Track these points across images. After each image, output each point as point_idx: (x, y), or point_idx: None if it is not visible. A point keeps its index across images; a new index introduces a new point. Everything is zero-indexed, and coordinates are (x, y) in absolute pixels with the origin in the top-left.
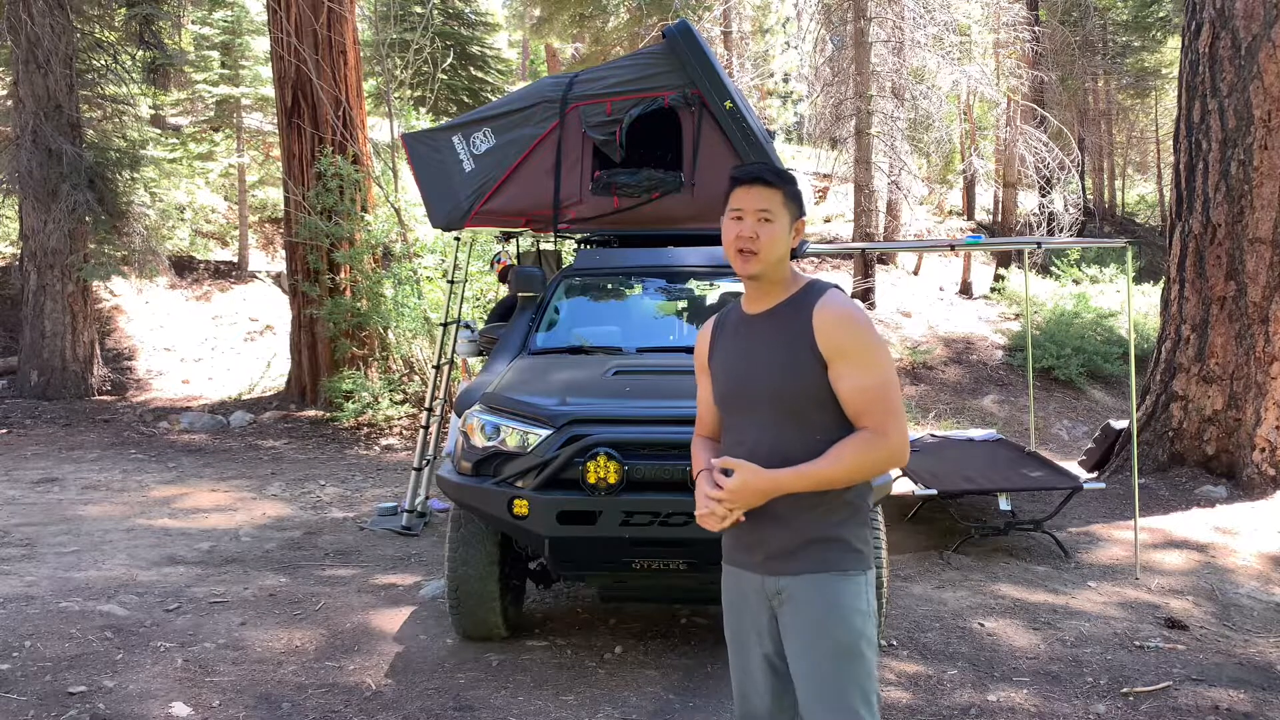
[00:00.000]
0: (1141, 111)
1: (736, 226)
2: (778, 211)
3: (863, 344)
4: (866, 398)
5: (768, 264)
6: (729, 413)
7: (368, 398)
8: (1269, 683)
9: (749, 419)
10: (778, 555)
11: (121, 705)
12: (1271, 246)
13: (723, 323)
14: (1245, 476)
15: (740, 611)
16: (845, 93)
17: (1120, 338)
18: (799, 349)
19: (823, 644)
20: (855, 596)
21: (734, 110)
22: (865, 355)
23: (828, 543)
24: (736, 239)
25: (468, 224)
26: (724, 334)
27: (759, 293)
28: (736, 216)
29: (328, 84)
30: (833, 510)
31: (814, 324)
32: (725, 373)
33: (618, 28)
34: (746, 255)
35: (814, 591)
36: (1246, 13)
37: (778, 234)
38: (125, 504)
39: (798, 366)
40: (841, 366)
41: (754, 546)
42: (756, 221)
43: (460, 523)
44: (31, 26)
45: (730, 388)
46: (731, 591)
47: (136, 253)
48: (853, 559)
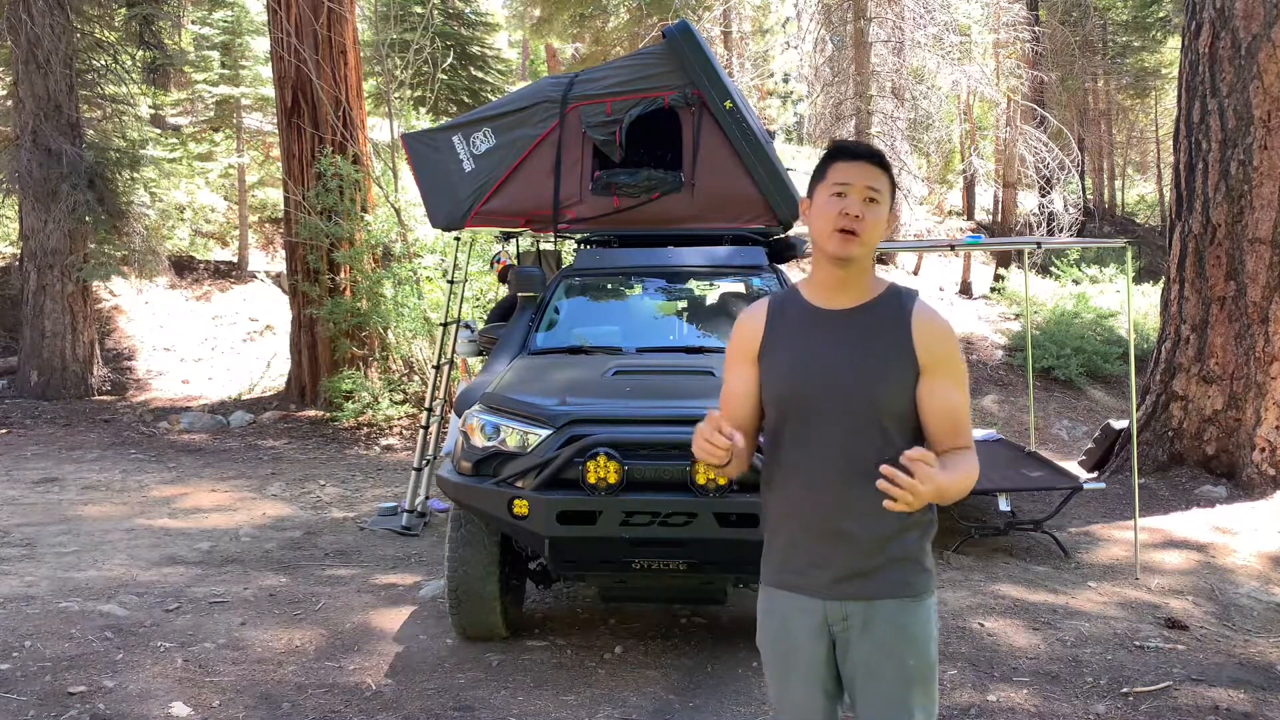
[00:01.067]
0: (1141, 111)
1: (840, 203)
2: (884, 194)
3: (960, 359)
4: (958, 416)
5: (867, 249)
6: (792, 414)
7: (368, 398)
8: (1269, 683)
9: (821, 425)
10: (848, 578)
11: (121, 705)
12: (1271, 246)
13: (781, 312)
14: (1245, 476)
15: (790, 640)
16: (845, 93)
17: (1120, 338)
18: (895, 355)
19: (895, 671)
20: (927, 622)
21: (734, 110)
22: (959, 371)
23: (903, 564)
24: (841, 216)
25: (468, 224)
26: (786, 325)
27: (840, 284)
28: (839, 192)
29: (328, 84)
30: (908, 528)
31: (913, 328)
32: (796, 370)
33: (618, 28)
34: (848, 236)
35: (888, 617)
36: (1246, 13)
37: (881, 219)
38: (125, 504)
39: (891, 374)
40: (936, 380)
41: (818, 568)
42: (863, 200)
43: (460, 523)
44: (31, 26)
45: (802, 388)
46: (778, 618)
47: (136, 253)
48: (925, 581)
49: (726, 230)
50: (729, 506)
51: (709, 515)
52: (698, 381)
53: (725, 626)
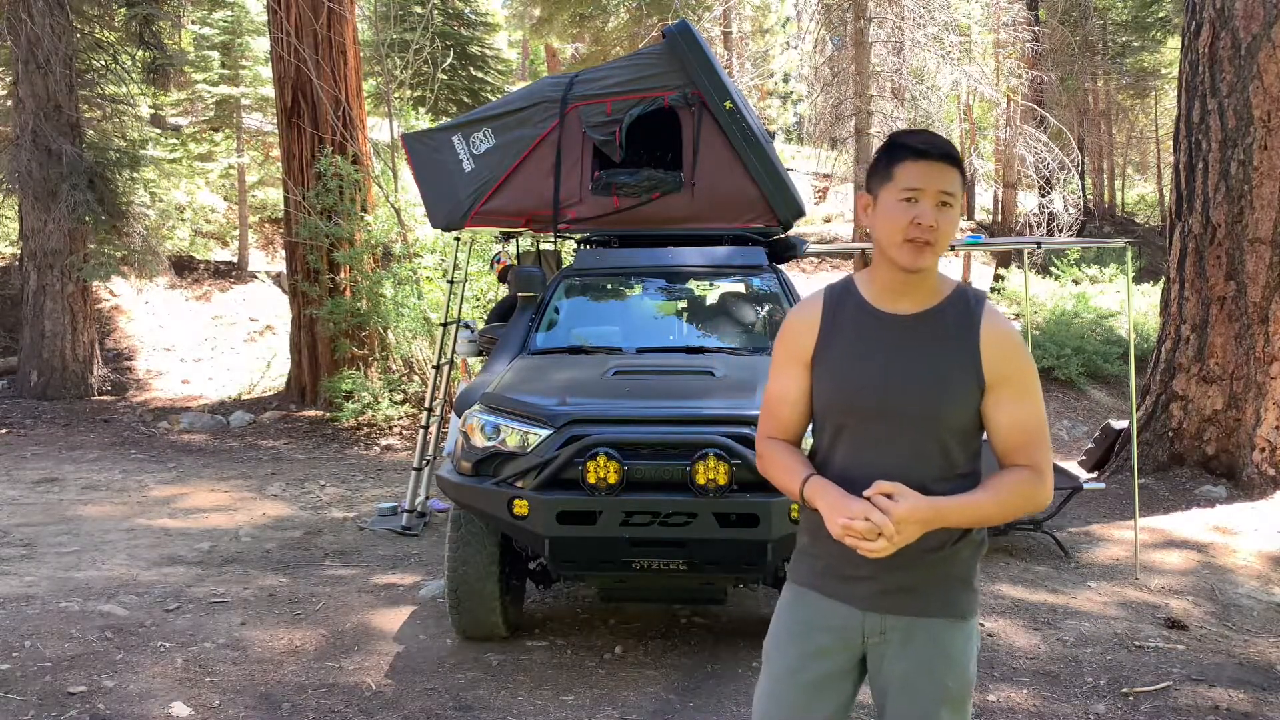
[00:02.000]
0: (1141, 111)
1: (911, 211)
2: (957, 196)
3: (1031, 372)
4: (1027, 432)
5: (938, 257)
6: (851, 424)
7: (368, 398)
8: (1269, 683)
9: (880, 437)
10: (894, 591)
11: (121, 705)
12: (1271, 246)
13: (837, 313)
14: (1245, 476)
15: (817, 641)
16: (845, 93)
17: (1120, 338)
18: (961, 367)
19: (933, 691)
20: (969, 642)
21: (734, 110)
22: (1032, 385)
23: (952, 583)
24: (913, 226)
25: (468, 224)
26: (843, 325)
27: (908, 288)
28: (909, 198)
29: (328, 84)
30: (962, 547)
31: (982, 341)
32: (850, 376)
33: (618, 28)
34: (922, 248)
35: (930, 636)
36: (1246, 13)
37: (955, 221)
38: (125, 504)
39: (956, 387)
40: (1005, 394)
41: (862, 578)
42: (936, 206)
43: (460, 523)
44: (31, 26)
45: (863, 399)
46: (806, 618)
47: (136, 253)
48: (970, 602)
49: (726, 230)
50: (729, 506)
51: (709, 515)
52: (698, 381)
53: (725, 626)
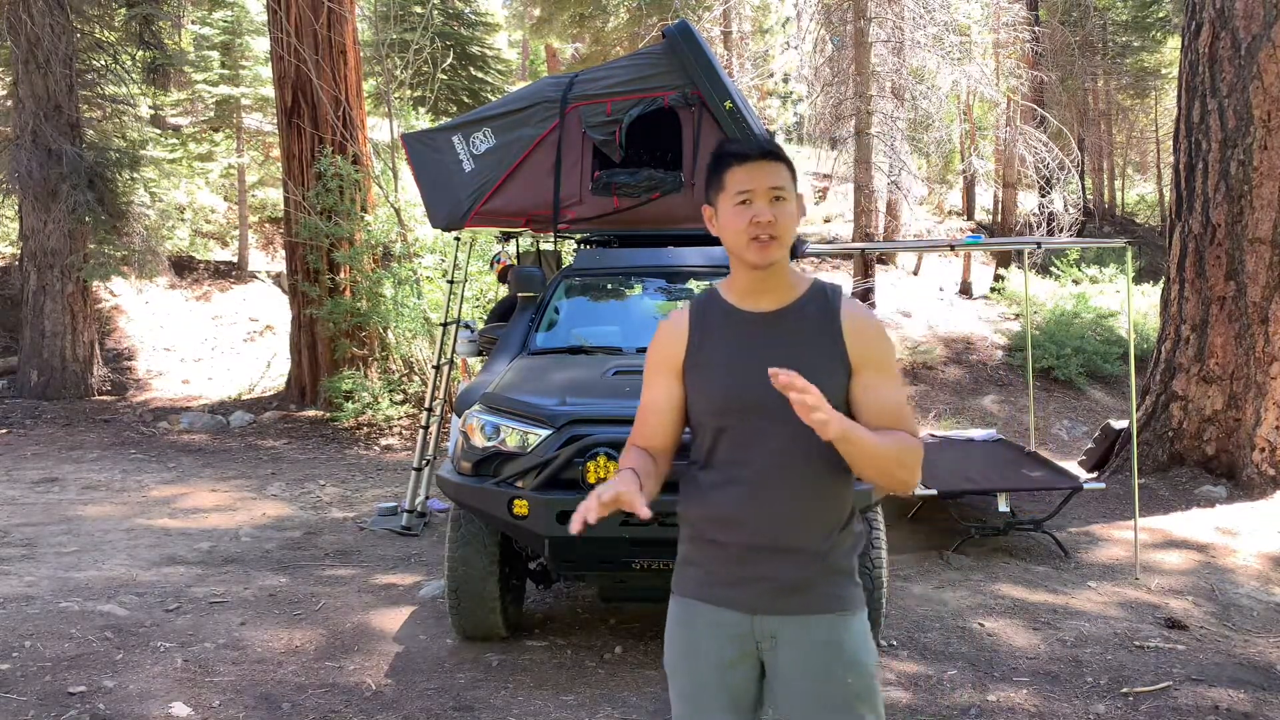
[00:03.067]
0: (1141, 111)
1: (747, 212)
2: (789, 189)
3: (891, 354)
4: (894, 410)
5: (785, 251)
6: (724, 425)
7: (367, 398)
8: (1269, 683)
9: (754, 434)
10: (778, 592)
11: (121, 705)
12: (1271, 246)
13: (703, 319)
14: (1245, 476)
15: (706, 655)
16: (845, 93)
17: (1120, 338)
18: (825, 354)
19: (838, 692)
20: (864, 636)
21: (734, 110)
22: (891, 365)
23: (837, 576)
24: (753, 225)
25: (468, 224)
26: (709, 331)
27: (765, 286)
28: (743, 200)
29: (328, 84)
30: (843, 539)
31: (844, 328)
32: (725, 377)
33: (618, 28)
34: (766, 244)
35: (823, 634)
36: (1246, 13)
37: (793, 215)
38: (125, 504)
39: (824, 374)
40: (870, 376)
41: (751, 582)
42: (770, 202)
43: (460, 523)
44: (31, 26)
45: (734, 396)
46: (694, 632)
47: (136, 253)
48: (857, 595)
49: None
50: None
51: None
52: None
53: None
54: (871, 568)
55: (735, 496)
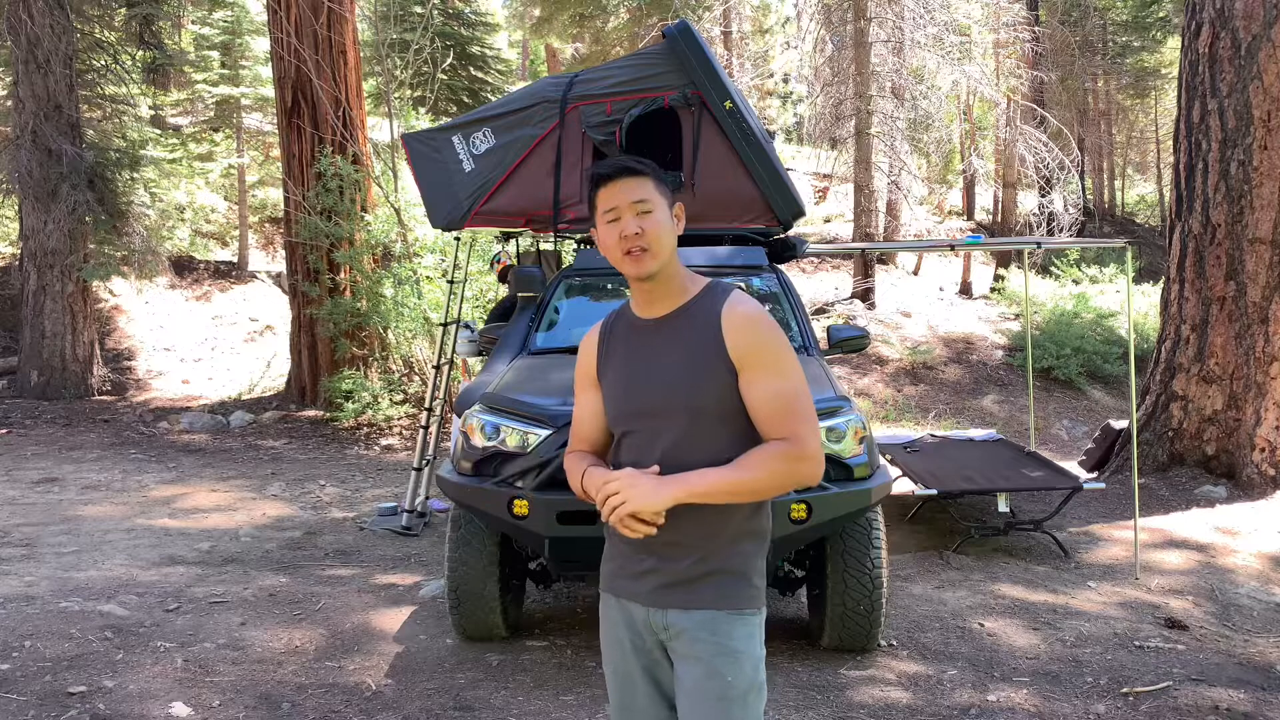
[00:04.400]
0: (1141, 111)
1: (616, 228)
2: (654, 200)
3: (775, 348)
4: (778, 405)
5: (662, 259)
6: (626, 429)
7: (368, 398)
8: (1269, 683)
9: (650, 435)
10: (669, 586)
11: (121, 705)
12: (1271, 246)
13: (611, 330)
14: (1245, 476)
15: (624, 646)
16: (845, 93)
17: (1120, 338)
18: (707, 356)
19: (712, 687)
20: (750, 639)
21: (734, 110)
22: (778, 360)
23: (727, 576)
24: (621, 240)
25: (468, 224)
26: (614, 342)
27: (653, 295)
28: (612, 218)
29: (328, 84)
30: (737, 539)
31: (723, 328)
32: (622, 385)
33: (618, 28)
34: (638, 255)
35: (706, 630)
36: (1246, 13)
37: (663, 224)
38: (125, 504)
39: (707, 376)
40: (752, 373)
41: (644, 575)
42: (636, 216)
43: (460, 523)
44: (31, 26)
45: (629, 402)
46: (615, 624)
47: (136, 253)
48: (750, 596)
49: (726, 230)
50: None
51: None
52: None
53: None
54: (871, 568)
55: None
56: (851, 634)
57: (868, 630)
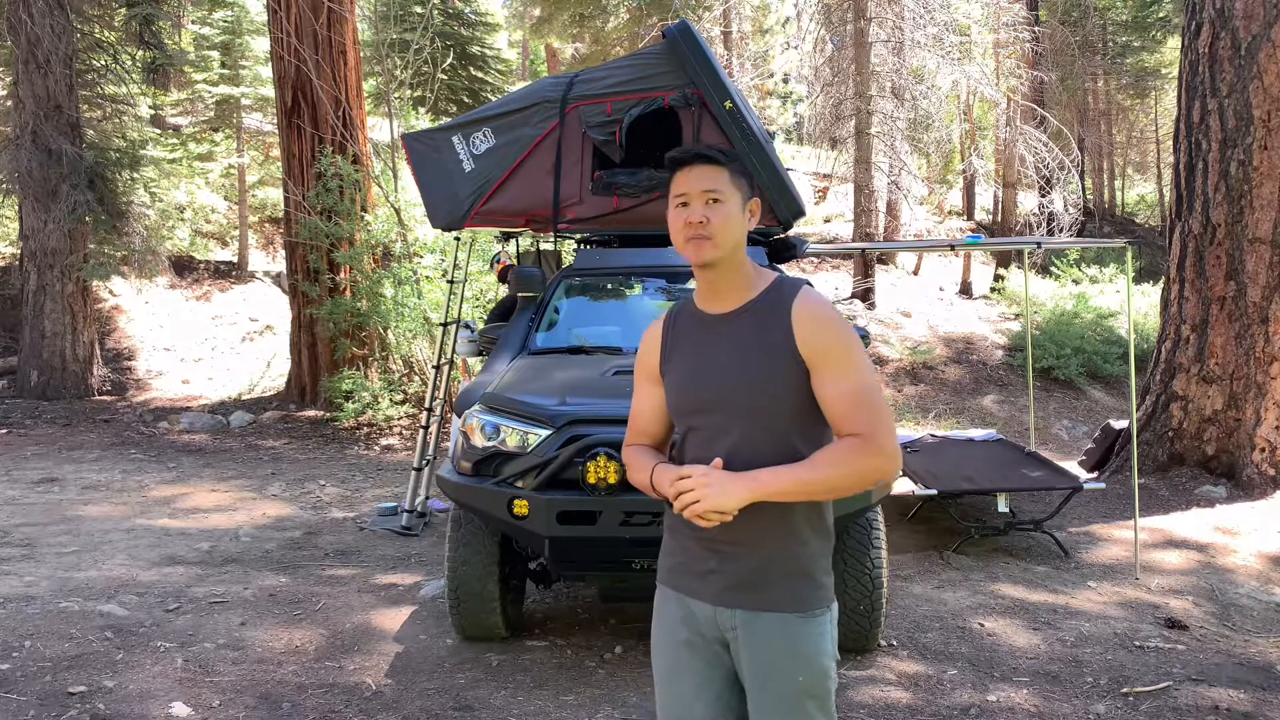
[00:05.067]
0: (1141, 111)
1: (684, 213)
2: (727, 191)
3: (846, 345)
4: (853, 401)
5: (725, 250)
6: (690, 425)
7: (368, 398)
8: (1269, 683)
9: (715, 432)
10: (737, 587)
11: (121, 705)
12: (1271, 246)
13: (674, 323)
14: (1245, 476)
15: (678, 639)
16: (845, 93)
17: (1120, 338)
18: (777, 353)
19: (787, 687)
20: (820, 638)
21: (734, 110)
22: (849, 357)
23: (795, 577)
24: (685, 226)
25: (468, 224)
26: (679, 336)
27: (718, 288)
28: (681, 203)
29: (328, 84)
30: (804, 541)
31: (794, 325)
32: (686, 380)
33: (618, 28)
34: (700, 242)
35: (777, 632)
36: (1246, 13)
37: (731, 214)
38: (125, 504)
39: (776, 372)
40: (825, 370)
41: (710, 574)
42: (705, 204)
43: (460, 523)
44: (31, 26)
45: (693, 397)
46: (671, 617)
47: (136, 253)
48: (819, 596)
49: None
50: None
51: None
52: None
53: None
54: (871, 568)
55: None
56: (851, 634)
57: (868, 630)
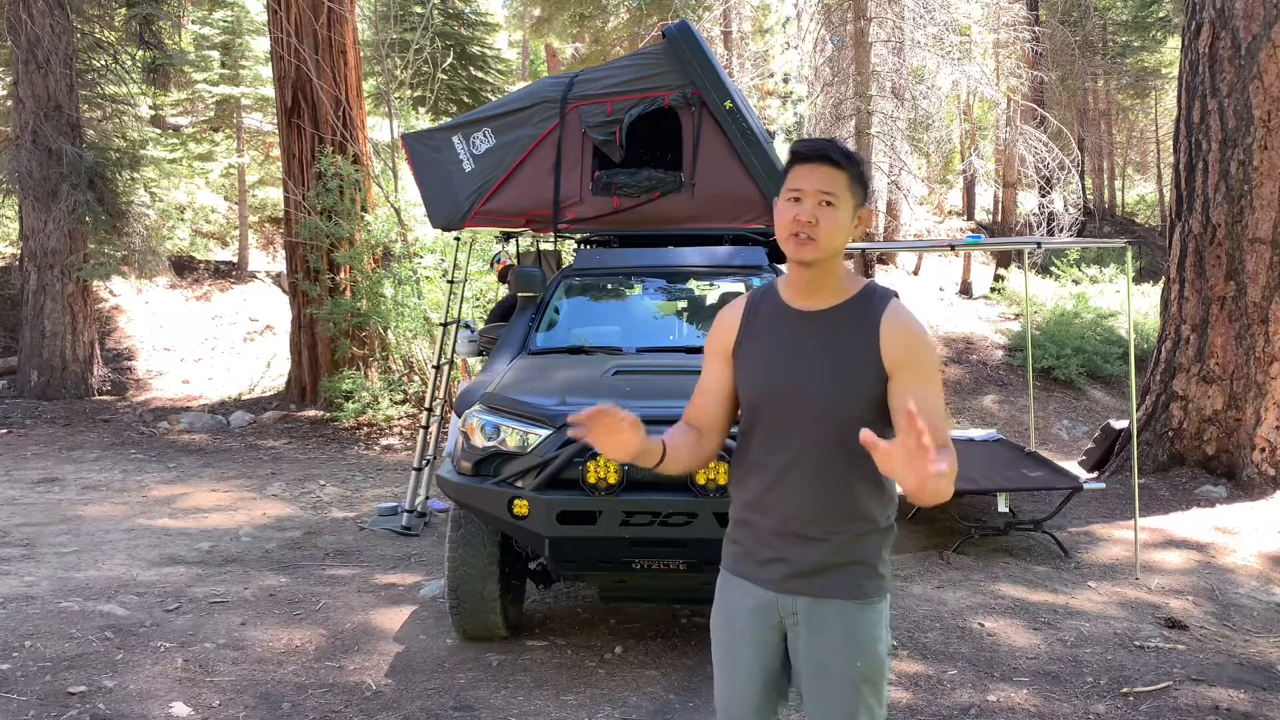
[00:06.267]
0: (1141, 111)
1: (794, 209)
2: (842, 195)
3: (931, 359)
4: (933, 415)
5: (826, 254)
6: (762, 416)
7: (368, 398)
8: (1269, 683)
9: (788, 427)
10: (800, 575)
11: (121, 705)
12: (1271, 246)
13: (756, 310)
14: (1245, 476)
15: (740, 624)
16: (845, 93)
17: (1120, 338)
18: (862, 359)
19: (846, 672)
20: (876, 625)
21: (734, 110)
22: (930, 371)
23: (856, 567)
24: (793, 222)
25: (468, 224)
26: (759, 324)
27: (811, 286)
28: (794, 197)
29: (328, 84)
30: (866, 534)
31: (881, 334)
32: (765, 371)
33: (618, 28)
34: (803, 241)
35: (836, 618)
36: (1246, 13)
37: (840, 220)
38: (125, 504)
39: (859, 377)
40: (907, 379)
41: (774, 563)
42: (817, 205)
43: (460, 523)
44: (31, 26)
45: (772, 389)
46: (733, 602)
47: (136, 253)
48: (876, 585)
49: (726, 230)
50: (729, 506)
51: (709, 515)
52: (697, 381)
53: None
54: None
55: (762, 483)
56: None
57: None
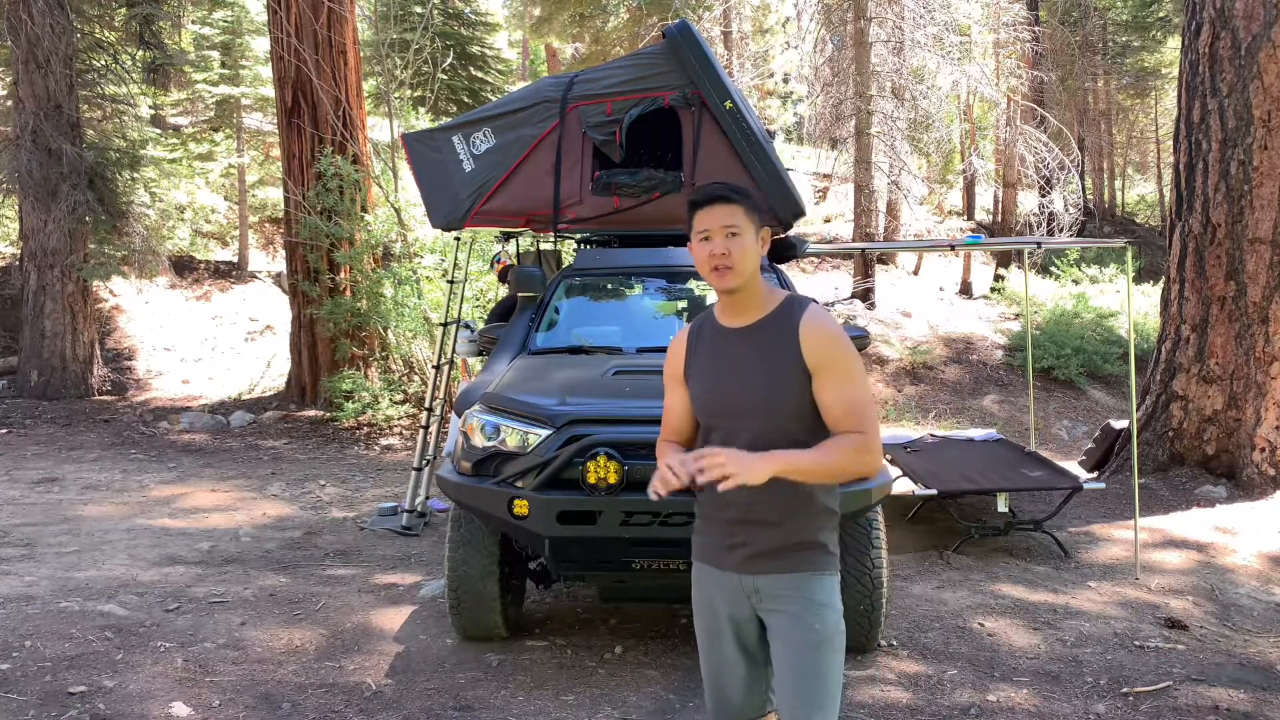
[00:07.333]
0: (1141, 111)
1: (707, 246)
2: (743, 224)
3: (846, 358)
4: (849, 406)
5: (744, 276)
6: (715, 424)
7: (368, 398)
8: (1269, 683)
9: (737, 430)
10: (760, 556)
11: (121, 705)
12: (1271, 246)
13: (698, 334)
14: (1245, 476)
15: (715, 607)
16: (845, 93)
17: (1120, 338)
18: (786, 363)
19: (803, 635)
20: (831, 593)
21: (734, 110)
22: (849, 368)
23: (808, 546)
24: (710, 257)
25: (468, 224)
26: (702, 347)
27: (738, 306)
28: (704, 237)
29: (328, 84)
30: (814, 516)
31: (800, 338)
32: (708, 386)
33: (618, 28)
34: (722, 271)
35: (795, 589)
36: (1246, 13)
37: (747, 245)
38: (125, 504)
39: (785, 380)
40: (826, 377)
41: (735, 548)
42: (725, 238)
43: (460, 523)
44: (31, 26)
45: (714, 401)
46: (706, 589)
47: (136, 253)
48: (828, 561)
49: None
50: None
51: None
52: None
53: None
54: (872, 568)
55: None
56: (852, 634)
57: (868, 630)
